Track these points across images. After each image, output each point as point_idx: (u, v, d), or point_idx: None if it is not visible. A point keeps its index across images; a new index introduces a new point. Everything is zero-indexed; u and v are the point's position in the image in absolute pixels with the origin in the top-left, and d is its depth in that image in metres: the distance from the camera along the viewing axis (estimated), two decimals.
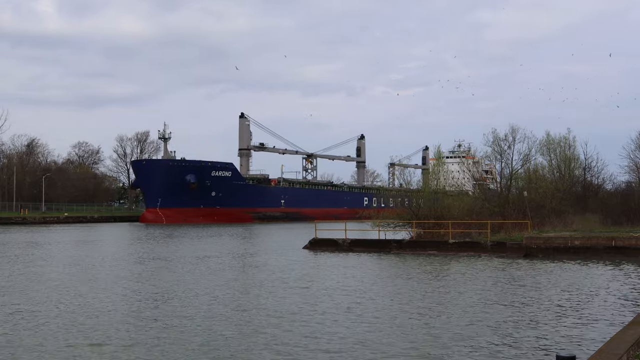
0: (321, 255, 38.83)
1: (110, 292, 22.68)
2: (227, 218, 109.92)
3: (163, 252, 41.73)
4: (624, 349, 9.97)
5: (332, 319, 17.53)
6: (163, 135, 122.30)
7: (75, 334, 15.63)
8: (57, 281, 25.53)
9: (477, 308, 19.18)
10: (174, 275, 28.04)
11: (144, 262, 34.08)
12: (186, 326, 16.41)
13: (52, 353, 13.80)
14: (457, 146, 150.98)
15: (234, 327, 16.34)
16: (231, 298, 21.34)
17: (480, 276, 27.40)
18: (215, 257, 37.11)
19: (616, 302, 20.28)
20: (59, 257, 36.80)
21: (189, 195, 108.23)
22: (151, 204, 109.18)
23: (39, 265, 32.00)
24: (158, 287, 24.13)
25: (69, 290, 22.80)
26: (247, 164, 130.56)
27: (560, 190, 55.36)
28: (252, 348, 14.15)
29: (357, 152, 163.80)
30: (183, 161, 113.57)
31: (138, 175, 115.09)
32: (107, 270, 30.04)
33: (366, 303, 20.10)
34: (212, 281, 25.73)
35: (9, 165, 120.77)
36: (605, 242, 35.56)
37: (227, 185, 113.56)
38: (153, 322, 17.02)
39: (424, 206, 46.31)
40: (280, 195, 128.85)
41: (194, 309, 18.85)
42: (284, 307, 19.24)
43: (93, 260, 35.01)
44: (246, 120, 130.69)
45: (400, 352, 13.82)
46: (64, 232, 69.96)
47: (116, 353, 13.77)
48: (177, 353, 13.69)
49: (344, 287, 24.00)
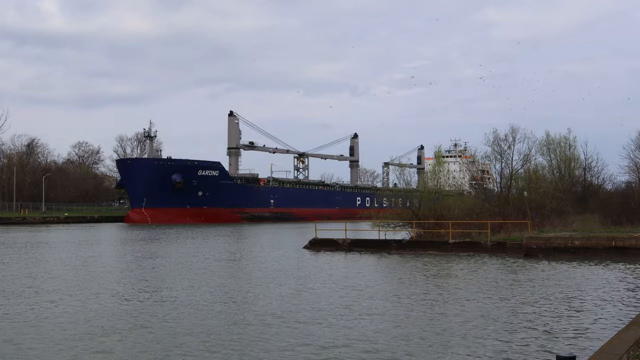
0: (321, 255, 40.15)
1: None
2: (214, 218, 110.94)
3: (152, 258, 42.65)
4: (624, 349, 10.15)
5: (343, 317, 18.66)
6: (149, 134, 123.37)
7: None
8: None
9: (477, 308, 19.75)
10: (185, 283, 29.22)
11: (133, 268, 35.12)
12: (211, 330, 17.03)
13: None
14: (454, 145, 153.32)
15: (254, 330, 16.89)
16: (242, 299, 22.26)
17: (480, 276, 28.20)
18: (217, 261, 38.18)
19: (616, 302, 20.78)
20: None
21: (175, 195, 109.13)
22: (136, 204, 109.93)
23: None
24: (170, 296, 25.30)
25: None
26: (236, 163, 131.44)
27: (561, 191, 56.76)
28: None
29: (350, 151, 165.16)
30: (169, 160, 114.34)
31: (123, 175, 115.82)
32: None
33: (365, 302, 20.93)
34: (216, 284, 26.75)
35: (9, 165, 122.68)
36: (605, 242, 36.48)
37: (214, 184, 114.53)
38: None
39: (424, 206, 47.70)
40: (269, 195, 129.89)
41: (202, 312, 19.29)
42: (291, 308, 20.02)
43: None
44: (235, 118, 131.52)
45: (400, 352, 14.31)
46: (52, 234, 70.85)
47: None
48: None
49: (350, 286, 25.28)
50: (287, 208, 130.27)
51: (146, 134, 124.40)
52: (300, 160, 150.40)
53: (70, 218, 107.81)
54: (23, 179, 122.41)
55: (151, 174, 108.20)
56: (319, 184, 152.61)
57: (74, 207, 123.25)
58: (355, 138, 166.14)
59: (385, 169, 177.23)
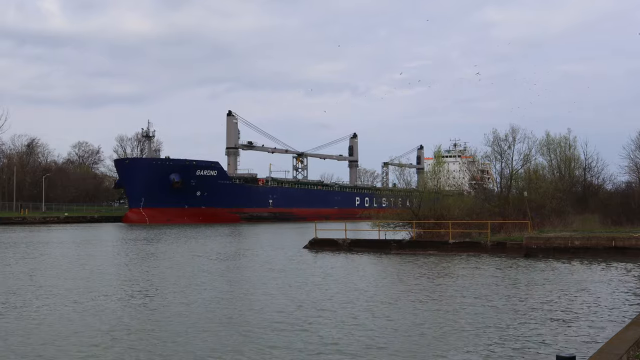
0: (322, 255, 40.44)
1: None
2: (212, 218, 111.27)
3: (153, 258, 42.98)
4: (624, 349, 10.24)
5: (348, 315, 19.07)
6: (147, 133, 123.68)
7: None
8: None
9: (476, 308, 19.91)
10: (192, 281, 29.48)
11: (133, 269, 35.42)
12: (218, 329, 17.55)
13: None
14: (453, 145, 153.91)
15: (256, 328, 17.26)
16: (249, 299, 22.57)
17: (480, 276, 28.43)
18: (222, 260, 38.47)
19: (616, 302, 20.96)
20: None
21: (173, 195, 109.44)
22: (134, 204, 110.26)
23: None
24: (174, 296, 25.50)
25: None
26: (235, 163, 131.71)
27: (561, 191, 57.13)
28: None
29: (349, 151, 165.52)
30: (167, 160, 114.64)
31: (121, 175, 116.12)
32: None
33: (366, 303, 21.17)
34: (221, 284, 27.07)
35: (9, 165, 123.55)
36: (605, 243, 36.76)
37: (212, 184, 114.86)
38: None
39: (424, 206, 47.99)
40: (268, 195, 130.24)
41: (211, 314, 19.64)
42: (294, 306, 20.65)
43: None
44: (234, 118, 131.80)
45: (400, 351, 14.44)
46: (42, 234, 71.07)
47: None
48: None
49: (350, 286, 25.63)
50: (285, 208, 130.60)
51: (144, 133, 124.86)
52: (299, 160, 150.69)
53: (70, 218, 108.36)
54: (23, 179, 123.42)
55: (149, 174, 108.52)
56: (317, 183, 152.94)
57: (74, 207, 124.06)
58: (355, 138, 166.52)
59: (385, 169, 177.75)
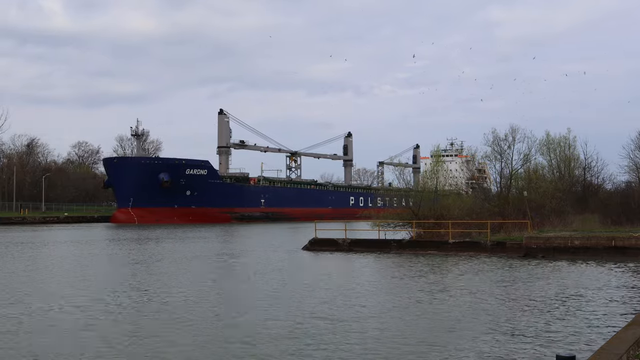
0: (322, 255, 41.47)
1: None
2: (203, 218, 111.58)
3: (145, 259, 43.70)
4: (624, 349, 10.37)
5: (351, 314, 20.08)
6: (136, 132, 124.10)
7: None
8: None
9: (476, 307, 20.40)
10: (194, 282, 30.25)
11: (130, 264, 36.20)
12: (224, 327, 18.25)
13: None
14: (450, 144, 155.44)
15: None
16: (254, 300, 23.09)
17: (480, 276, 29.26)
18: (220, 261, 39.31)
19: (616, 302, 21.44)
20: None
21: (163, 194, 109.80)
22: (123, 204, 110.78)
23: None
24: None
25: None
26: (227, 162, 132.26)
27: (560, 190, 58.19)
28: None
29: (344, 150, 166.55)
30: (156, 159, 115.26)
31: (110, 174, 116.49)
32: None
33: (366, 302, 21.83)
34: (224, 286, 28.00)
35: (9, 165, 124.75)
36: (605, 242, 37.72)
37: (202, 184, 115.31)
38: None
39: (424, 206, 49.08)
40: (260, 195, 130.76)
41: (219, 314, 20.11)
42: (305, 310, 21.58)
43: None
44: (225, 116, 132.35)
45: (400, 351, 14.87)
46: (28, 234, 71.61)
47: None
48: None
49: (351, 286, 26.64)
50: (278, 208, 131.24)
51: (133, 132, 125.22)
52: (292, 159, 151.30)
53: (70, 218, 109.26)
54: (23, 179, 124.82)
55: (138, 173, 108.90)
56: (311, 183, 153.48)
57: (73, 207, 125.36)
58: (349, 137, 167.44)
59: (380, 168, 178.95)
